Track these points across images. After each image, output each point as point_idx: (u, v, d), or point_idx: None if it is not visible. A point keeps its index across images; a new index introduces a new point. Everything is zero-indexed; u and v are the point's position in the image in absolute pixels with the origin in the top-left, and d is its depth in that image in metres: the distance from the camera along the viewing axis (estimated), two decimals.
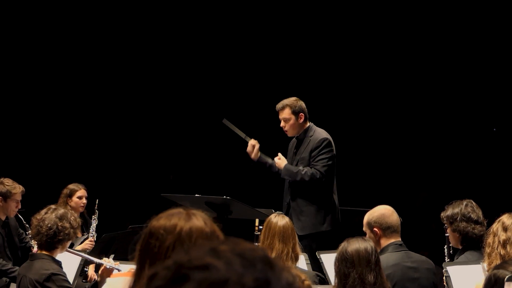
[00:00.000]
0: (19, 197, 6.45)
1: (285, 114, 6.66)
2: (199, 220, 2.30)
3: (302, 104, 6.71)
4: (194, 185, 7.74)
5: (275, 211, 6.10)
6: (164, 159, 10.56)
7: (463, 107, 10.07)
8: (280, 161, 6.73)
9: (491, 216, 4.64)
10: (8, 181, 6.45)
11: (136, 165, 10.49)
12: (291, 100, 6.71)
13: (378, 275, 3.84)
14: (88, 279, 5.82)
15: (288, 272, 1.03)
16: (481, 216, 4.88)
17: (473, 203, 4.93)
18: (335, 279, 3.93)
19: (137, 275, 2.26)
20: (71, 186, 7.13)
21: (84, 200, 7.15)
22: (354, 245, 3.88)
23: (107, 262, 4.66)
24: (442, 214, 4.95)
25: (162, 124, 10.53)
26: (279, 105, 6.71)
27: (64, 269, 4.71)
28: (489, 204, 5.79)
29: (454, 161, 10.04)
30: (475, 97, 10.01)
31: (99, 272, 4.69)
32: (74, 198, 7.07)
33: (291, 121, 6.66)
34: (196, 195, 6.46)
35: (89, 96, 10.29)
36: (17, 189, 6.43)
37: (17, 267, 5.81)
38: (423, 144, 10.19)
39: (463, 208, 4.86)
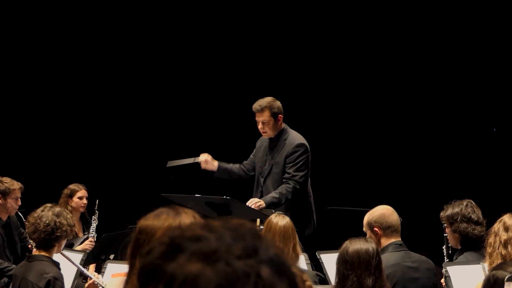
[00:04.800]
0: (18, 194, 6.42)
1: (265, 116, 6.41)
2: (188, 215, 2.32)
3: (280, 104, 6.49)
4: (194, 185, 7.71)
5: (275, 211, 6.10)
6: (164, 159, 10.53)
7: (463, 107, 10.07)
8: (256, 201, 6.32)
9: (491, 216, 4.64)
10: (6, 179, 6.42)
11: (136, 165, 10.49)
12: (269, 100, 6.46)
13: (378, 279, 3.80)
14: (88, 278, 5.83)
15: (275, 246, 1.09)
16: (481, 217, 4.87)
17: (473, 203, 4.92)
18: (336, 278, 3.92)
19: (129, 272, 2.27)
20: (72, 186, 7.12)
21: (85, 201, 7.15)
22: (355, 246, 3.84)
23: (96, 277, 4.73)
24: (441, 214, 4.93)
25: (162, 124, 10.53)
26: (257, 107, 6.45)
27: (64, 269, 4.72)
28: (489, 204, 5.79)
29: (454, 161, 10.03)
30: (475, 97, 10.01)
31: (86, 286, 4.76)
32: (75, 199, 7.07)
33: (271, 123, 6.44)
34: (196, 195, 6.45)
35: (89, 96, 10.29)
36: (16, 185, 6.40)
37: (14, 265, 5.80)
38: (423, 144, 10.19)
39: (463, 208, 4.85)
